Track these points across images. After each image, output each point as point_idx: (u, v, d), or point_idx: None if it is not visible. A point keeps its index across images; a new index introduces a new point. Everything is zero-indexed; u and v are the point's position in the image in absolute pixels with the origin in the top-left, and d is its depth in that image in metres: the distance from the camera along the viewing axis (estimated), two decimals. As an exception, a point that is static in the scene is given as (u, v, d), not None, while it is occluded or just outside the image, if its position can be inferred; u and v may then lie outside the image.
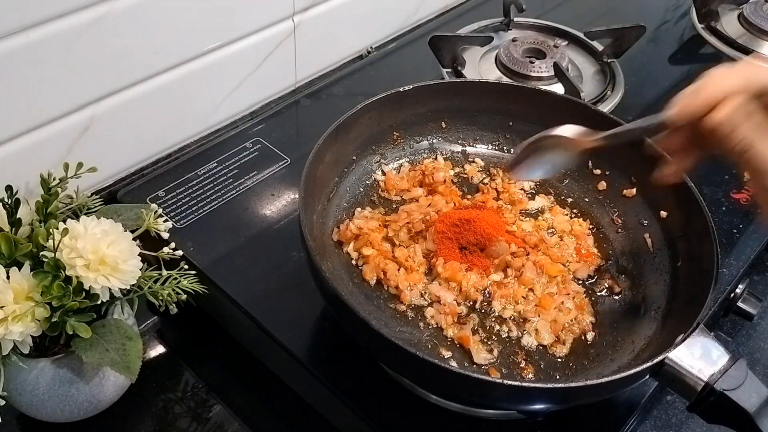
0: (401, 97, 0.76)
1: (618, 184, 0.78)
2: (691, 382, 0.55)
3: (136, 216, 0.69)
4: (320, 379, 0.65)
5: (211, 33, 0.83)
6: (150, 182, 0.82)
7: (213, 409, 0.71)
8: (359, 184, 0.77)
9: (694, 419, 0.67)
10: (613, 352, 0.66)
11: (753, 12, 1.15)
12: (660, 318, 0.66)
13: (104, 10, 0.71)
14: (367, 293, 0.69)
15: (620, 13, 1.21)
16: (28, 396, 0.63)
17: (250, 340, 0.74)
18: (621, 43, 1.03)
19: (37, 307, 0.57)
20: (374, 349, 0.60)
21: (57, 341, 0.63)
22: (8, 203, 0.62)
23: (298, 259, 0.74)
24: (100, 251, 0.59)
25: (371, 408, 0.64)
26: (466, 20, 1.11)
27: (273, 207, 0.80)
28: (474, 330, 0.66)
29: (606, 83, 1.01)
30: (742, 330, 0.86)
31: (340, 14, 0.98)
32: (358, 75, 1.01)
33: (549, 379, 0.64)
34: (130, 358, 0.60)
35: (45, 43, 0.68)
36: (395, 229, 0.72)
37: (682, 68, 1.10)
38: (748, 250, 0.81)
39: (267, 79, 0.94)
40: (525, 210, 0.78)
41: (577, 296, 0.69)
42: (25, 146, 0.72)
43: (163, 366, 0.74)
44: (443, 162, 0.81)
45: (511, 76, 1.00)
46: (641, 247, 0.73)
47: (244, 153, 0.86)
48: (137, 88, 0.79)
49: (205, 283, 0.68)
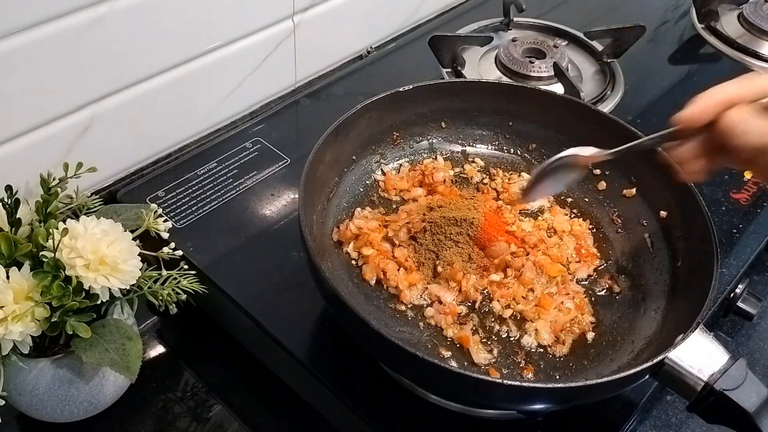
0: (401, 97, 0.76)
1: (618, 184, 0.78)
2: (690, 381, 0.55)
3: (136, 216, 0.69)
4: (320, 379, 0.65)
5: (211, 33, 0.83)
6: (150, 182, 0.82)
7: (213, 409, 0.71)
8: (359, 184, 0.77)
9: (694, 419, 0.67)
10: (613, 352, 0.66)
11: (753, 12, 1.15)
12: (660, 318, 0.66)
13: (104, 10, 0.71)
14: (367, 293, 0.69)
15: (620, 13, 1.21)
16: (28, 396, 0.63)
17: (250, 340, 0.74)
18: (621, 43, 1.03)
19: (37, 307, 0.57)
20: (374, 349, 0.60)
21: (57, 341, 0.63)
22: (8, 203, 0.62)
23: (298, 259, 0.74)
24: (100, 251, 0.59)
25: (371, 408, 0.64)
26: (466, 20, 1.12)
27: (273, 207, 0.80)
28: (474, 330, 0.66)
29: (606, 83, 1.01)
30: (742, 330, 0.86)
31: (340, 14, 0.98)
32: (358, 75, 1.01)
33: (549, 379, 0.64)
34: (129, 358, 0.60)
35: (45, 43, 0.68)
36: (395, 229, 0.72)
37: (682, 68, 1.10)
38: (748, 250, 0.81)
39: (267, 79, 0.94)
40: (525, 210, 0.78)
41: (577, 296, 0.69)
42: (25, 146, 0.72)
43: (163, 366, 0.74)
44: (443, 162, 0.81)
45: (511, 76, 1.00)
46: (641, 247, 0.73)
47: (244, 153, 0.86)
48: (137, 88, 0.79)
49: (205, 283, 0.68)
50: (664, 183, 0.71)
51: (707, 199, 0.75)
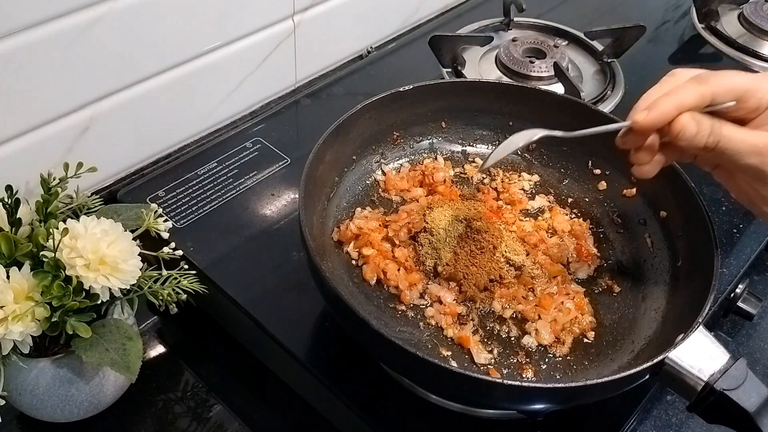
0: (401, 97, 0.76)
1: (618, 184, 0.78)
2: (691, 381, 0.55)
3: (136, 216, 0.69)
4: (320, 379, 0.65)
5: (211, 33, 0.83)
6: (150, 182, 0.82)
7: (213, 409, 0.71)
8: (359, 184, 0.77)
9: (694, 419, 0.67)
10: (613, 352, 0.66)
11: (753, 12, 1.15)
12: (660, 318, 0.66)
13: (104, 10, 0.71)
14: (367, 293, 0.69)
15: (620, 13, 1.21)
16: (28, 396, 0.63)
17: (250, 340, 0.74)
18: (621, 43, 1.03)
19: (37, 306, 0.57)
20: (374, 349, 0.60)
21: (57, 341, 0.63)
22: (8, 203, 0.62)
23: (298, 259, 0.74)
24: (100, 251, 0.59)
25: (371, 408, 0.64)
26: (466, 20, 1.12)
27: (273, 207, 0.80)
28: (474, 330, 0.66)
29: (606, 83, 1.01)
30: (742, 330, 0.86)
31: (340, 14, 0.98)
32: (358, 75, 1.01)
33: (549, 379, 0.64)
34: (130, 358, 0.60)
35: (45, 43, 0.68)
36: (395, 229, 0.72)
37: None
38: (748, 250, 0.81)
39: (267, 79, 0.94)
40: (525, 210, 0.78)
41: (577, 296, 0.69)
42: (25, 146, 0.72)
43: (163, 366, 0.74)
44: (443, 162, 0.81)
45: (511, 76, 1.00)
46: (641, 247, 0.73)
47: (244, 153, 0.86)
48: (137, 88, 0.79)
49: (205, 283, 0.68)
50: (664, 183, 0.71)
51: (707, 199, 0.75)
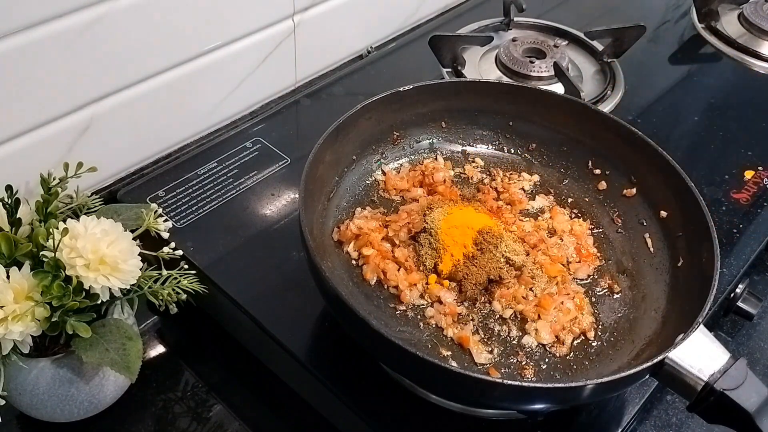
0: (401, 97, 0.76)
1: (618, 184, 0.78)
2: (691, 381, 0.55)
3: (136, 216, 0.69)
4: (320, 379, 0.65)
5: (211, 33, 0.83)
6: (150, 182, 0.82)
7: (213, 409, 0.71)
8: (359, 183, 0.77)
9: (694, 419, 0.67)
10: (613, 352, 0.66)
11: (753, 12, 1.15)
12: (660, 318, 0.66)
13: (104, 10, 0.71)
14: (367, 293, 0.69)
15: (620, 13, 1.21)
16: (28, 396, 0.63)
17: (250, 340, 0.74)
18: (621, 43, 1.03)
19: (37, 306, 0.57)
20: (374, 349, 0.60)
21: (57, 341, 0.63)
22: (8, 203, 0.62)
23: (298, 259, 0.74)
24: (100, 251, 0.59)
25: (371, 408, 0.64)
26: (466, 20, 1.11)
27: (273, 207, 0.80)
28: (474, 330, 0.66)
29: (606, 83, 1.01)
30: (742, 330, 0.86)
31: (340, 14, 0.98)
32: (358, 75, 1.01)
33: (549, 379, 0.64)
34: (130, 358, 0.60)
35: (45, 43, 0.68)
36: (395, 229, 0.72)
37: (683, 68, 1.10)
38: (748, 250, 0.81)
39: (267, 79, 0.94)
40: (525, 210, 0.78)
41: (577, 296, 0.69)
42: (25, 146, 0.72)
43: (163, 366, 0.74)
44: (443, 162, 0.81)
45: (511, 76, 1.00)
46: (641, 247, 0.73)
47: (244, 153, 0.86)
48: (137, 87, 0.79)
49: (205, 282, 0.68)
50: (664, 183, 0.71)
51: (707, 199, 0.75)
